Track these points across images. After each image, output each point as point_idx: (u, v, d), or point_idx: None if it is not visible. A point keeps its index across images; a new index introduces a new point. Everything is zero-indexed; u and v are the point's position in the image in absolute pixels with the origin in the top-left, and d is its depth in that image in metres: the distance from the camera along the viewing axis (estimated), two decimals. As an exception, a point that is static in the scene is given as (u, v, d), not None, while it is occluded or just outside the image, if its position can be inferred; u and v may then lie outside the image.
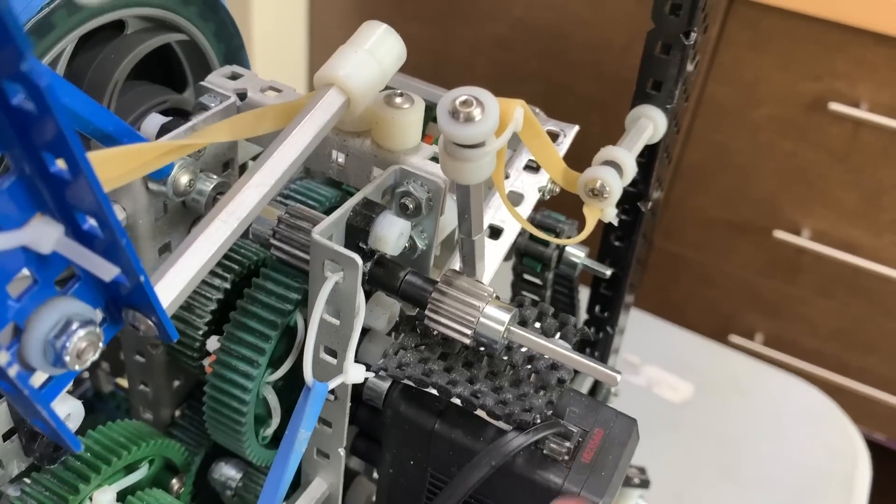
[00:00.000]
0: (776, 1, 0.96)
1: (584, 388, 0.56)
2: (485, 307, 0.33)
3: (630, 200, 0.48)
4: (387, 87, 0.36)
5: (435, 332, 0.34)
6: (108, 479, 0.35)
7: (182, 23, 0.38)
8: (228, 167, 0.38)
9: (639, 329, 0.92)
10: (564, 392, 0.35)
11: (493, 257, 0.39)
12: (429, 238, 0.36)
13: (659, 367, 0.88)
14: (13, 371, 0.22)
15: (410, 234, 0.35)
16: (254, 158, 0.39)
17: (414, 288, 0.34)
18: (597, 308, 0.54)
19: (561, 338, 0.36)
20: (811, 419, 0.84)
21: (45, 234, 0.22)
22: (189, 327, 0.37)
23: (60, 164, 0.21)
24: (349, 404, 0.35)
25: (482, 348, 0.34)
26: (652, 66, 0.43)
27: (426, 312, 0.33)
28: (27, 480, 0.34)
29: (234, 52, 0.42)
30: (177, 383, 0.42)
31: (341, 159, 0.37)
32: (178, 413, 0.43)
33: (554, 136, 0.42)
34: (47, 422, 0.24)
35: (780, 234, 1.11)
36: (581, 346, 0.57)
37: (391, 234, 0.33)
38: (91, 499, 0.34)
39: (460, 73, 1.24)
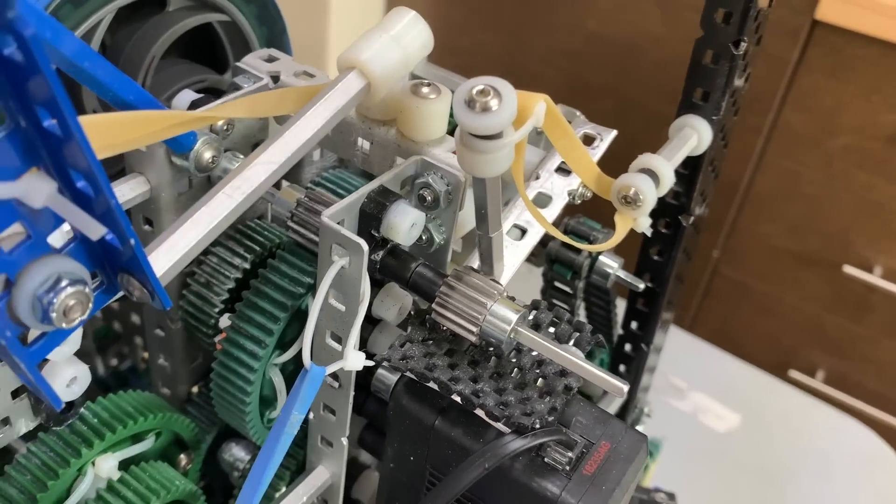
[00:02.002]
0: (861, 27, 0.92)
1: (613, 408, 0.54)
2: (493, 305, 0.32)
3: (671, 213, 0.47)
4: (416, 77, 0.36)
5: (443, 328, 0.33)
6: (113, 446, 0.35)
7: (224, 4, 0.39)
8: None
9: (689, 354, 0.89)
10: (572, 400, 0.34)
11: (515, 257, 0.38)
12: (447, 232, 0.35)
13: (706, 395, 0.85)
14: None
15: (428, 227, 0.35)
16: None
17: (424, 280, 0.33)
18: (632, 323, 0.52)
19: (574, 345, 0.35)
20: (862, 461, 0.79)
21: (37, 188, 0.22)
22: (206, 304, 0.37)
23: (54, 121, 0.21)
24: (352, 392, 0.35)
25: (490, 348, 0.33)
26: (699, 76, 0.42)
27: (433, 306, 0.33)
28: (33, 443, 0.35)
29: (276, 36, 0.42)
30: (196, 361, 0.42)
31: (367, 147, 0.37)
32: (195, 390, 0.43)
33: (590, 140, 0.41)
34: (27, 375, 0.24)
35: (850, 270, 1.06)
36: (616, 362, 0.55)
37: (403, 223, 0.32)
38: (94, 464, 0.35)
39: (529, 83, 1.22)
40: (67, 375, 0.32)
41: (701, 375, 0.86)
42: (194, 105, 0.35)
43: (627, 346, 0.54)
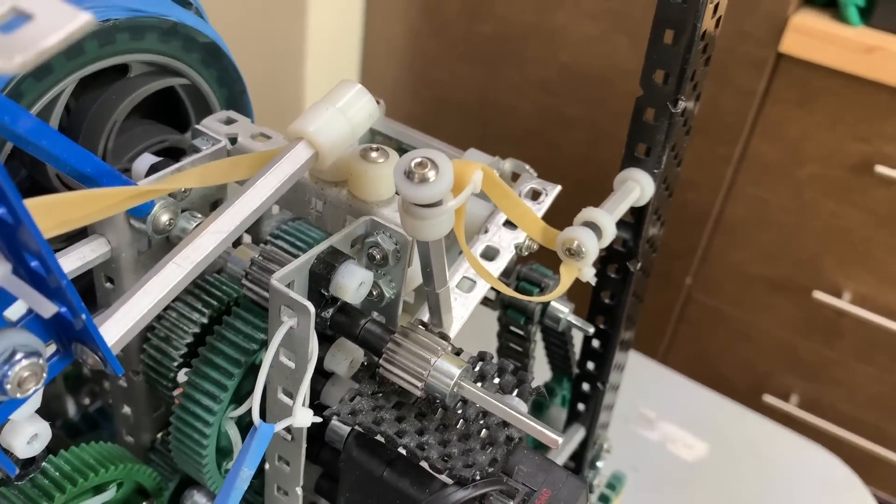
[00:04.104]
0: (824, 59, 0.95)
1: (572, 445, 0.56)
2: (437, 360, 0.33)
3: (620, 260, 0.49)
4: (375, 132, 0.37)
5: (391, 382, 0.35)
6: (74, 498, 0.37)
7: (184, 69, 0.40)
8: (217, 207, 0.40)
9: (658, 384, 0.91)
10: (517, 449, 0.35)
11: (464, 309, 0.40)
12: (396, 287, 0.37)
13: (675, 424, 0.86)
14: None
15: (378, 283, 0.37)
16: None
17: (372, 336, 0.35)
18: (588, 363, 0.54)
19: (518, 395, 0.37)
20: (828, 489, 0.81)
21: (-9, 270, 0.24)
22: (165, 357, 0.39)
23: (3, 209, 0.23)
24: (304, 445, 0.36)
25: (436, 401, 0.34)
26: (641, 132, 0.44)
27: (381, 362, 0.34)
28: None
29: (235, 96, 0.44)
30: (159, 410, 0.43)
31: (319, 206, 0.38)
32: (158, 438, 0.45)
33: (537, 194, 0.43)
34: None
35: (820, 296, 1.08)
36: (575, 400, 0.57)
37: (351, 283, 0.34)
38: (55, 516, 0.36)
39: (504, 114, 1.26)
40: (28, 433, 0.34)
41: (670, 405, 0.88)
42: (154, 169, 0.37)
43: (585, 385, 0.55)
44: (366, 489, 0.36)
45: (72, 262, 0.35)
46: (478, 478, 0.33)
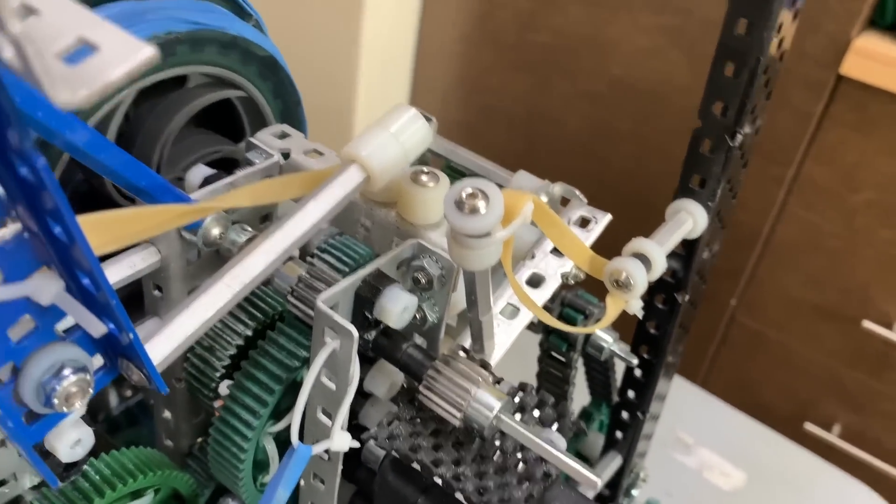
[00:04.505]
0: (887, 84, 0.93)
1: (609, 472, 0.55)
2: (477, 392, 0.33)
3: (668, 290, 0.48)
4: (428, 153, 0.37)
5: (430, 409, 0.35)
6: (113, 502, 0.37)
7: (241, 81, 0.41)
8: (267, 220, 0.40)
9: (697, 408, 0.89)
10: (553, 485, 0.35)
11: (506, 336, 0.39)
12: (440, 312, 0.37)
13: (713, 451, 0.85)
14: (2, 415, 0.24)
15: (422, 307, 0.36)
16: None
17: (413, 362, 0.35)
18: (629, 392, 0.53)
19: (558, 430, 0.36)
20: (867, 528, 0.79)
21: (45, 287, 0.24)
22: (208, 367, 0.39)
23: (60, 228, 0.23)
24: (341, 466, 0.36)
25: (475, 431, 0.34)
26: (696, 163, 0.43)
27: (421, 388, 0.34)
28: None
29: (290, 108, 0.44)
30: (198, 417, 0.44)
31: (368, 225, 0.38)
32: (197, 443, 0.45)
33: (585, 222, 0.43)
34: (25, 455, 0.26)
35: (869, 325, 1.05)
36: (613, 427, 0.56)
37: (395, 308, 0.34)
38: (93, 520, 0.36)
39: (553, 124, 1.25)
40: (72, 438, 0.34)
41: (709, 431, 0.86)
42: (207, 181, 0.37)
43: (624, 414, 0.54)
44: (398, 511, 0.36)
45: (122, 270, 0.35)
46: (513, 513, 0.32)
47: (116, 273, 0.36)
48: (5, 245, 0.23)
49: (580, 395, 0.60)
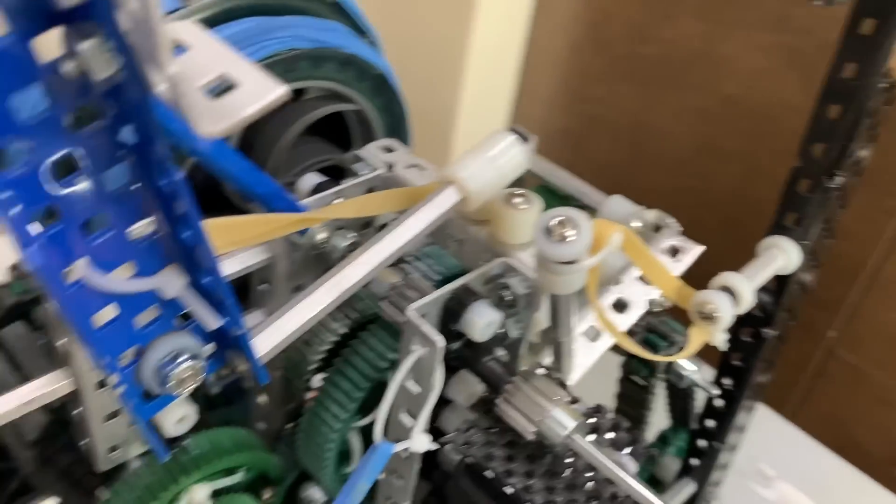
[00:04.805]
0: None
1: (681, 498, 0.55)
2: (553, 410, 0.35)
3: (755, 324, 0.48)
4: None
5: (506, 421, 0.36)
6: (208, 477, 0.40)
7: (354, 95, 0.43)
8: (368, 226, 0.43)
9: (782, 441, 0.87)
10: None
11: (587, 358, 0.40)
12: (523, 329, 0.38)
13: (795, 487, 0.83)
14: (120, 391, 0.27)
15: (505, 322, 0.38)
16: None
17: (494, 374, 0.36)
18: (708, 421, 0.53)
19: (630, 454, 0.37)
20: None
21: (171, 283, 0.27)
22: (303, 361, 0.42)
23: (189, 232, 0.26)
24: (418, 464, 0.38)
25: (548, 447, 0.35)
26: (793, 202, 0.43)
27: (499, 401, 0.36)
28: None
29: (396, 122, 0.46)
30: (291, 404, 0.47)
31: (461, 239, 0.40)
32: (287, 428, 0.48)
33: (676, 251, 0.43)
34: (141, 428, 0.29)
35: (979, 372, 1.00)
36: (690, 454, 0.56)
37: (480, 322, 0.36)
38: (189, 490, 0.40)
39: (658, 138, 1.24)
40: (177, 415, 0.37)
41: (793, 465, 0.85)
42: (317, 188, 0.40)
43: (702, 442, 0.55)
44: (469, 516, 0.38)
45: (234, 265, 0.39)
46: (577, 530, 0.34)
47: (229, 268, 0.39)
48: (140, 243, 0.26)
49: (659, 418, 0.60)
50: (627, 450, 0.37)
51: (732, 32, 1.08)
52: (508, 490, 0.35)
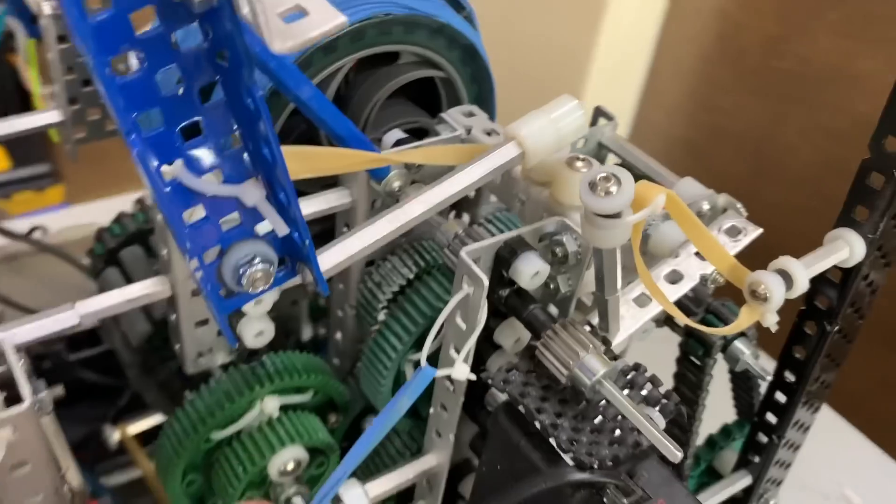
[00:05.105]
0: None
1: (734, 488, 0.56)
2: (585, 356, 0.37)
3: (819, 318, 0.48)
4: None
5: (544, 365, 0.39)
6: (279, 391, 0.45)
7: (444, 63, 0.47)
8: (444, 184, 0.46)
9: (873, 469, 0.84)
10: (645, 455, 0.38)
11: (634, 321, 0.42)
12: (573, 286, 0.41)
13: (879, 517, 0.80)
14: (203, 284, 0.32)
15: (556, 278, 0.41)
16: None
17: (536, 321, 0.39)
18: (768, 414, 0.54)
19: (660, 411, 0.39)
20: None
21: (251, 192, 0.32)
22: (374, 299, 0.46)
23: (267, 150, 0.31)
24: (462, 397, 0.42)
25: (581, 393, 0.38)
26: (861, 194, 0.43)
27: (538, 344, 0.39)
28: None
29: (484, 94, 0.50)
30: (363, 342, 0.51)
31: (524, 199, 0.43)
32: (357, 367, 0.53)
33: (735, 232, 0.45)
34: (217, 319, 0.34)
35: None
36: (749, 447, 0.57)
37: (527, 270, 0.39)
38: (262, 399, 0.45)
39: (783, 155, 1.21)
40: (257, 328, 0.43)
41: (882, 496, 0.82)
42: (397, 143, 0.44)
43: (761, 436, 0.55)
44: (504, 452, 0.40)
45: (318, 204, 0.43)
46: (595, 466, 0.36)
47: (315, 206, 0.44)
48: (229, 155, 0.31)
49: (724, 412, 0.60)
50: (657, 407, 0.39)
51: (872, 49, 1.05)
52: (537, 425, 0.38)
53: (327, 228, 0.48)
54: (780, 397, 0.53)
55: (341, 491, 0.43)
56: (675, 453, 0.35)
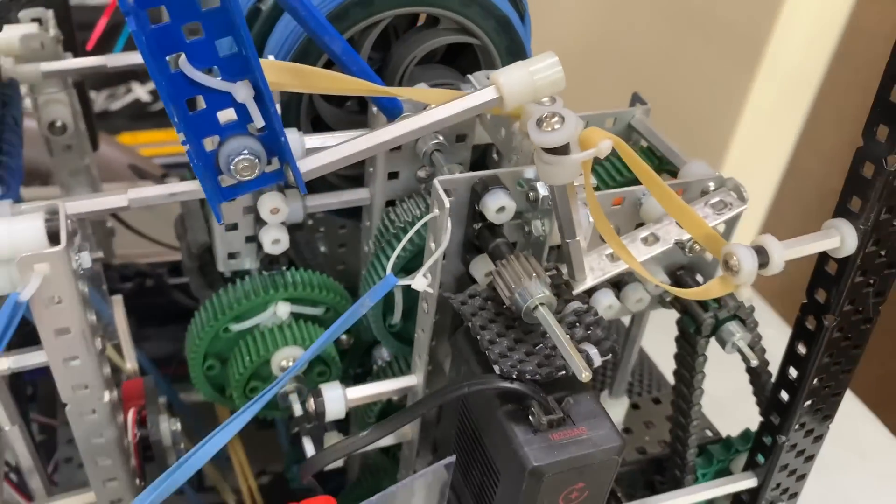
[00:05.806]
0: None
1: (743, 485, 0.55)
2: (528, 282, 0.40)
3: (818, 311, 0.48)
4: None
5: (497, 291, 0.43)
6: (293, 299, 0.52)
7: (479, 32, 0.52)
8: (462, 140, 0.51)
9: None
10: (583, 391, 0.40)
11: (601, 272, 0.45)
12: (547, 228, 0.44)
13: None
14: (199, 168, 0.39)
15: (531, 221, 0.44)
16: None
17: (498, 252, 0.43)
18: (772, 415, 0.53)
19: (598, 348, 0.41)
20: None
21: (241, 91, 0.39)
22: (387, 231, 0.51)
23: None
24: (434, 317, 0.46)
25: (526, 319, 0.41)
26: (854, 184, 0.43)
27: (493, 269, 0.42)
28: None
29: (519, 63, 0.54)
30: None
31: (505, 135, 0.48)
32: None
33: (722, 206, 0.46)
34: (212, 204, 0.41)
35: None
36: (756, 449, 0.56)
37: (492, 204, 0.43)
38: (276, 303, 0.51)
39: None
40: (273, 236, 0.49)
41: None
42: (419, 94, 0.49)
43: (766, 438, 0.54)
44: (459, 369, 0.45)
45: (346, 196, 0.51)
46: (515, 377, 0.39)
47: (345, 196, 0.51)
48: (226, 57, 0.38)
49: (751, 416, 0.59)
50: (597, 346, 0.41)
51: None
52: (478, 339, 0.41)
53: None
54: (784, 396, 0.52)
55: (323, 387, 0.48)
56: (581, 370, 0.37)
